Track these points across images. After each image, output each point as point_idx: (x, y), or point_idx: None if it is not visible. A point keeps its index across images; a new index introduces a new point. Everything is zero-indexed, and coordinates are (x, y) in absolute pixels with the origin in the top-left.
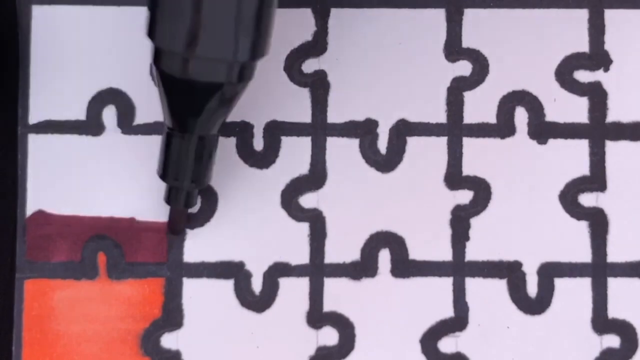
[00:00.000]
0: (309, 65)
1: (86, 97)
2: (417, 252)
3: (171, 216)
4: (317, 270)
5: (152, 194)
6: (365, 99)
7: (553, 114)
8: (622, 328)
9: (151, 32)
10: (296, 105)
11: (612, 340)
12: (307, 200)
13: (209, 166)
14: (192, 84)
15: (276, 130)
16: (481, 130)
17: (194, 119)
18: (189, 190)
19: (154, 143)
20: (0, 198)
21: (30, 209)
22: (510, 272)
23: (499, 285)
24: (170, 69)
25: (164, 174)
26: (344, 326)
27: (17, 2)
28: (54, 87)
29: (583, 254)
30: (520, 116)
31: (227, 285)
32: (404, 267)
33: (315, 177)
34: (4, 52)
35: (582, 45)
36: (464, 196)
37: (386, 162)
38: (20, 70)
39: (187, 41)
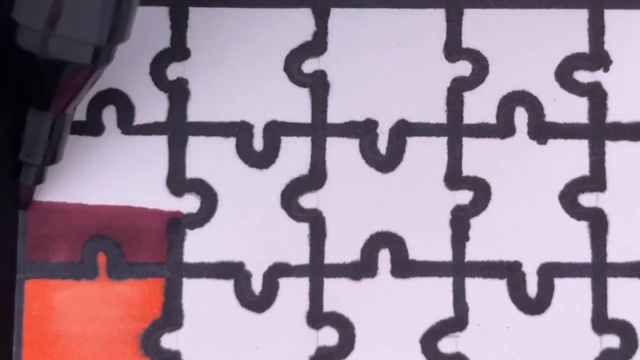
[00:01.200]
0: (309, 65)
1: (86, 97)
2: (417, 252)
3: (20, 191)
4: (317, 270)
5: (152, 194)
6: (365, 99)
7: (553, 114)
8: (622, 328)
9: (8, 7)
10: (296, 105)
11: (612, 341)
12: (307, 201)
13: (62, 144)
14: (49, 62)
15: (276, 131)
16: (481, 131)
17: (50, 98)
18: (40, 167)
19: (154, 143)
20: (0, 198)
21: (31, 209)
22: (510, 272)
23: (499, 286)
24: (28, 46)
25: (16, 149)
26: (344, 326)
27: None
28: None
29: (583, 254)
30: (520, 116)
31: (227, 286)
32: (404, 267)
33: (315, 178)
34: (3, 52)
35: (582, 45)
36: (464, 196)
37: (386, 162)
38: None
39: (48, 19)
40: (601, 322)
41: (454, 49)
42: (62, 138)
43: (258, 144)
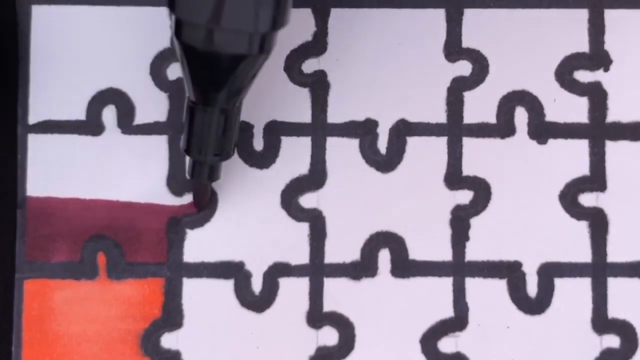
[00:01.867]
0: (309, 66)
1: (86, 97)
2: (417, 252)
3: (195, 191)
4: (317, 270)
5: (152, 194)
6: (365, 99)
7: (553, 114)
8: (622, 328)
9: (172, 4)
10: (296, 106)
11: (612, 341)
12: (307, 200)
13: (232, 139)
14: (215, 56)
15: (276, 130)
16: (481, 130)
17: (216, 92)
18: (213, 164)
19: (153, 143)
20: (0, 198)
21: (30, 208)
22: (510, 272)
23: (499, 285)
24: (192, 41)
25: (187, 149)
26: (344, 326)
27: (17, 2)
28: (53, 87)
29: (583, 254)
30: (520, 116)
31: (227, 285)
32: (404, 267)
33: (315, 177)
34: (3, 52)
35: (582, 45)
36: (464, 196)
37: (386, 162)
38: (20, 71)
39: (211, 13)
40: (601, 322)
41: (454, 49)
42: (232, 132)
43: (258, 143)
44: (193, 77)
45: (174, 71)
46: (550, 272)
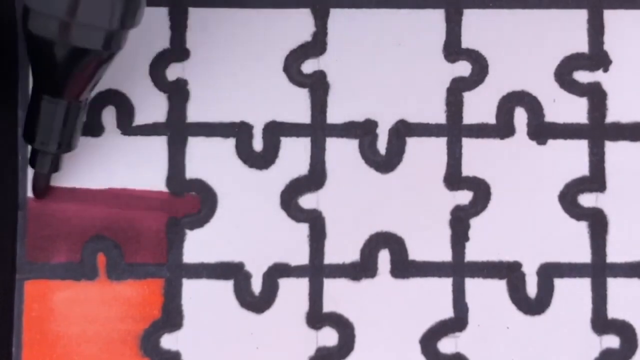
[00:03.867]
0: (309, 66)
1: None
2: (416, 252)
3: (35, 180)
4: (316, 270)
5: (152, 194)
6: (365, 100)
7: (552, 114)
8: (621, 328)
9: None
10: (296, 106)
11: (612, 341)
12: (307, 201)
13: (76, 132)
14: (64, 49)
15: (276, 131)
16: (481, 131)
17: (63, 85)
18: (55, 155)
19: (153, 144)
20: (0, 198)
21: (31, 210)
22: (510, 272)
23: (499, 286)
24: (43, 32)
25: (31, 138)
26: (344, 327)
27: (16, 2)
28: None
29: (583, 254)
30: (520, 116)
31: (226, 286)
32: (404, 267)
33: (315, 178)
34: (3, 53)
35: (582, 45)
36: (464, 197)
37: (386, 162)
38: (20, 71)
39: (66, 6)
40: (601, 322)
41: (453, 49)
42: (77, 125)
43: (258, 144)
44: (39, 67)
45: (174, 72)
46: (550, 272)
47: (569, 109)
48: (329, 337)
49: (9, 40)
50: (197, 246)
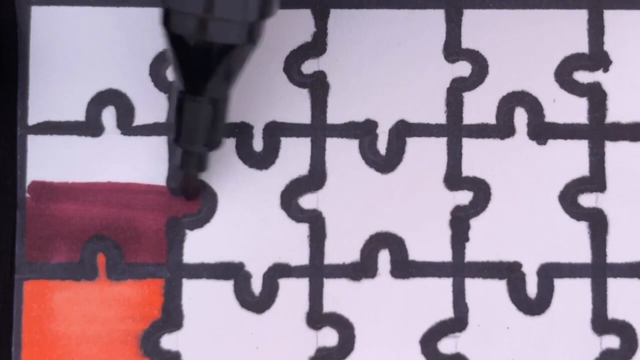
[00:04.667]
0: (309, 66)
1: (85, 98)
2: (416, 252)
3: (185, 181)
4: (316, 271)
5: (152, 195)
6: (365, 100)
7: (553, 114)
8: (621, 329)
9: None
10: (296, 106)
11: (612, 341)
12: (307, 201)
13: (221, 129)
14: (204, 46)
15: (276, 131)
16: (481, 131)
17: (206, 82)
18: (202, 154)
19: (153, 144)
20: (0, 198)
21: (30, 209)
22: (510, 272)
23: (499, 286)
24: (182, 31)
25: (177, 138)
26: (344, 327)
27: (16, 2)
28: (53, 88)
29: (583, 254)
30: (520, 117)
31: (226, 286)
32: (404, 267)
33: (315, 178)
34: (3, 53)
35: (582, 45)
36: (464, 197)
37: (386, 162)
38: (20, 71)
39: (203, 2)
40: (601, 323)
41: (453, 50)
42: (221, 122)
43: (258, 144)
44: (182, 67)
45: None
46: (550, 272)
47: (569, 109)
48: (329, 337)
49: (8, 41)
50: (197, 246)
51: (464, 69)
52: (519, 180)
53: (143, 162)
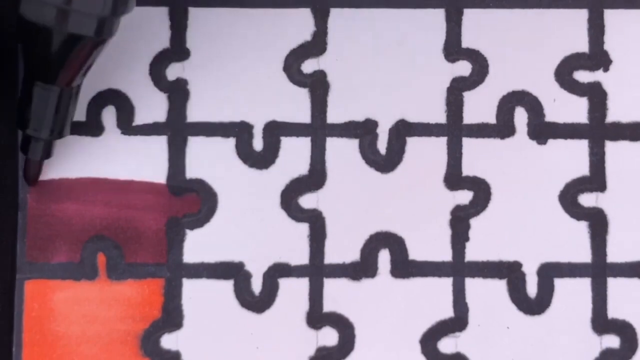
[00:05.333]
0: (309, 66)
1: (86, 97)
2: (416, 252)
3: (27, 167)
4: (316, 270)
5: (152, 194)
6: (365, 99)
7: (553, 114)
8: (621, 328)
9: None
10: (296, 106)
11: (612, 341)
12: (307, 201)
13: (69, 118)
14: (58, 36)
15: (276, 131)
16: (481, 131)
17: (57, 71)
18: (47, 141)
19: (153, 144)
20: (0, 198)
21: (31, 210)
22: (510, 272)
23: (499, 286)
24: (38, 18)
25: (23, 124)
26: (344, 326)
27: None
28: None
29: (583, 254)
30: (520, 116)
31: (226, 286)
32: (404, 267)
33: (315, 178)
34: (3, 53)
35: (582, 45)
36: (464, 196)
37: (386, 162)
38: (20, 73)
39: None
40: (601, 322)
41: (453, 49)
42: (69, 112)
43: (258, 144)
44: (32, 53)
45: (174, 72)
46: (550, 272)
47: (569, 109)
48: (329, 337)
49: (8, 41)
50: (197, 246)
51: (464, 68)
52: (519, 180)
53: (143, 162)
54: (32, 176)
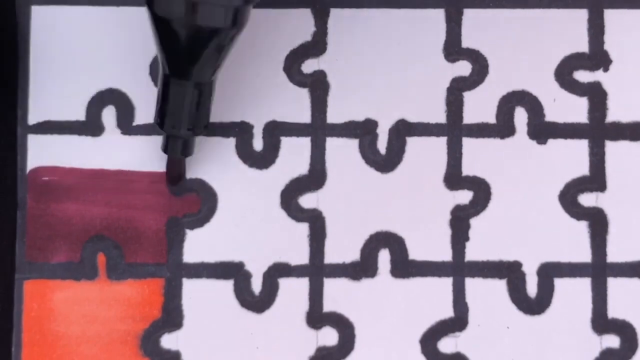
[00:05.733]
0: (309, 66)
1: (86, 97)
2: (416, 252)
3: (169, 166)
4: (316, 270)
5: (152, 195)
6: (365, 99)
7: (553, 114)
8: (621, 328)
9: None
10: (296, 106)
11: (612, 341)
12: (307, 201)
13: (206, 113)
14: (189, 29)
15: (276, 131)
16: (481, 131)
17: (191, 66)
18: (187, 138)
19: (153, 143)
20: (0, 198)
21: (30, 209)
22: (510, 272)
23: (499, 286)
24: (168, 13)
25: (161, 122)
26: (344, 326)
27: (17, 2)
28: (53, 87)
29: (583, 254)
30: (520, 116)
31: (226, 286)
32: (404, 267)
33: (315, 178)
34: (3, 53)
35: (582, 45)
36: (464, 196)
37: (386, 162)
38: (20, 71)
39: None
40: (601, 322)
41: (453, 49)
42: (207, 106)
43: (258, 144)
44: (166, 50)
45: None
46: (550, 272)
47: (569, 108)
48: (329, 337)
49: (8, 40)
50: (197, 246)
51: (464, 68)
52: (519, 180)
53: (143, 162)
54: (175, 175)
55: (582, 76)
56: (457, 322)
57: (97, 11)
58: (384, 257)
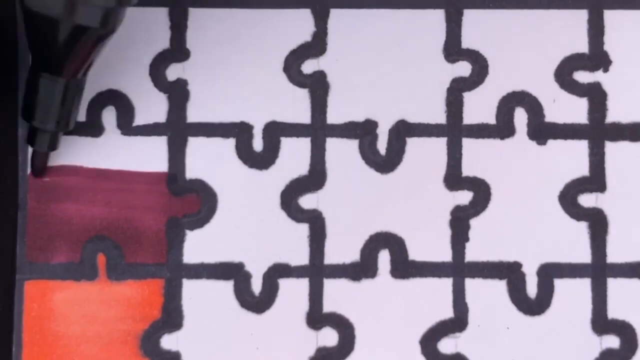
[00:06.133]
0: (309, 66)
1: (86, 98)
2: (416, 253)
3: (34, 159)
4: (316, 271)
5: (152, 195)
6: (365, 100)
7: (552, 114)
8: (621, 329)
9: None
10: (296, 106)
11: (612, 341)
12: (307, 201)
13: (74, 110)
14: (63, 26)
15: (276, 131)
16: (481, 131)
17: (62, 63)
18: (54, 133)
19: (153, 144)
20: (0, 198)
21: (31, 209)
22: (510, 272)
23: (499, 286)
24: (44, 9)
25: (29, 116)
26: (344, 327)
27: (16, 2)
28: None
29: (583, 254)
30: (520, 117)
31: (226, 286)
32: (404, 268)
33: (315, 178)
34: (3, 53)
35: (582, 45)
36: (464, 197)
37: (386, 162)
38: (20, 71)
39: None
40: (601, 323)
41: (453, 50)
42: (75, 103)
43: (258, 144)
44: (37, 45)
45: (174, 72)
46: (550, 272)
47: (569, 109)
48: (329, 337)
49: (9, 41)
50: (197, 246)
51: (464, 69)
52: (519, 180)
53: (143, 162)
54: (39, 168)
55: (582, 77)
56: (457, 322)
57: None
58: (384, 258)
